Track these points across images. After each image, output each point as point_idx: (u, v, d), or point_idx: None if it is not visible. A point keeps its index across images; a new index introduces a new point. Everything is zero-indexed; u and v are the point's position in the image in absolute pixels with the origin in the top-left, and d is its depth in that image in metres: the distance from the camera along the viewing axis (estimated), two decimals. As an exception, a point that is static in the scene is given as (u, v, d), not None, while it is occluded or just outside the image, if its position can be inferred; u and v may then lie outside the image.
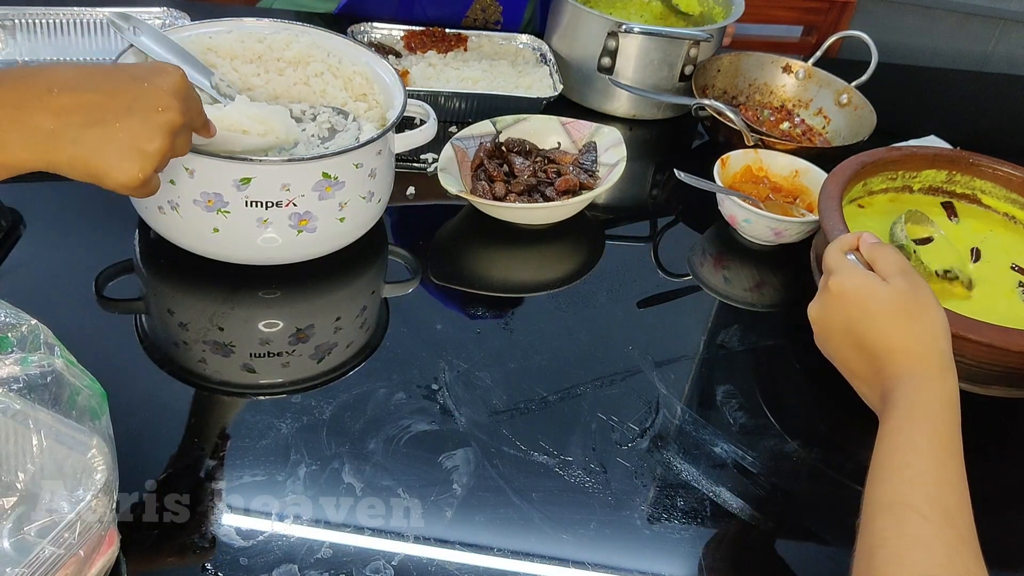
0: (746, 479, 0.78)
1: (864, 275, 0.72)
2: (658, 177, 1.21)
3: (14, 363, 0.58)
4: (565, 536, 0.71)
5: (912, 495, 0.60)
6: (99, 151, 0.62)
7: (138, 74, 0.65)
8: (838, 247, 0.76)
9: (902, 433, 0.64)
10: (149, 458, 0.71)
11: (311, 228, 0.85)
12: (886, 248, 0.74)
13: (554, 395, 0.83)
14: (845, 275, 0.73)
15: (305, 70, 0.96)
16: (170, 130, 0.65)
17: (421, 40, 1.24)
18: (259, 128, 0.83)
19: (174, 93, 0.65)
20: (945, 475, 0.61)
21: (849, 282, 0.72)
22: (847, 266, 0.74)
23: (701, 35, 1.19)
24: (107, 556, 0.61)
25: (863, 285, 0.72)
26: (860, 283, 0.72)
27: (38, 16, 1.13)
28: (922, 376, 0.67)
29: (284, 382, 0.81)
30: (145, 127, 0.64)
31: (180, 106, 0.66)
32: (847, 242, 0.77)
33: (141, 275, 0.90)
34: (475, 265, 0.99)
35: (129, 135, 0.63)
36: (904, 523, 0.59)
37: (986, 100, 1.56)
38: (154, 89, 0.65)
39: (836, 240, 0.78)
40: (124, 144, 0.63)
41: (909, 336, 0.69)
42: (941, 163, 1.03)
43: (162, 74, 0.66)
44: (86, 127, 0.62)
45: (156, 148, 0.64)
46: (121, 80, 0.64)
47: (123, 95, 0.63)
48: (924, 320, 0.69)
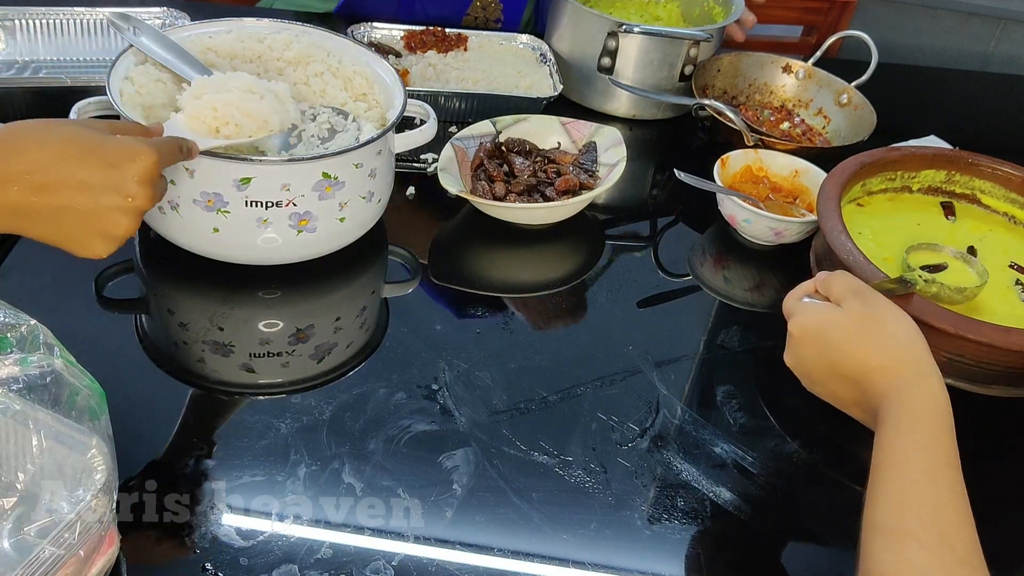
0: (746, 479, 0.78)
1: (817, 309, 0.74)
2: (658, 177, 1.21)
3: (14, 363, 0.58)
4: (565, 536, 0.71)
5: (907, 520, 0.60)
6: (68, 234, 0.67)
7: (112, 160, 0.67)
8: (793, 296, 0.78)
9: (892, 450, 0.64)
10: (149, 458, 0.71)
11: (311, 228, 0.85)
12: (834, 275, 0.75)
13: (554, 395, 0.83)
14: (801, 314, 0.74)
15: (305, 70, 0.96)
16: (137, 215, 0.69)
17: (421, 40, 1.24)
18: (253, 121, 0.83)
19: (143, 182, 0.68)
20: (939, 493, 0.61)
21: (806, 319, 0.74)
22: (801, 307, 0.75)
23: (701, 35, 1.19)
24: (107, 556, 0.61)
25: (819, 318, 0.73)
26: (816, 317, 0.73)
27: (38, 16, 1.13)
28: (900, 387, 0.67)
29: (284, 382, 0.81)
30: (113, 215, 0.67)
31: (149, 193, 0.69)
32: (802, 289, 0.78)
33: (141, 275, 0.90)
34: (475, 265, 0.99)
35: (98, 222, 0.67)
36: (901, 550, 0.59)
37: (986, 100, 1.56)
38: (125, 179, 0.67)
39: (792, 291, 0.78)
40: (92, 229, 0.67)
41: (879, 352, 0.69)
42: (940, 163, 1.03)
43: (134, 160, 0.68)
44: (58, 212, 0.66)
45: (123, 232, 0.68)
46: (95, 167, 0.66)
47: (95, 186, 0.66)
48: (887, 332, 0.70)
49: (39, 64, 1.12)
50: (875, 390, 0.69)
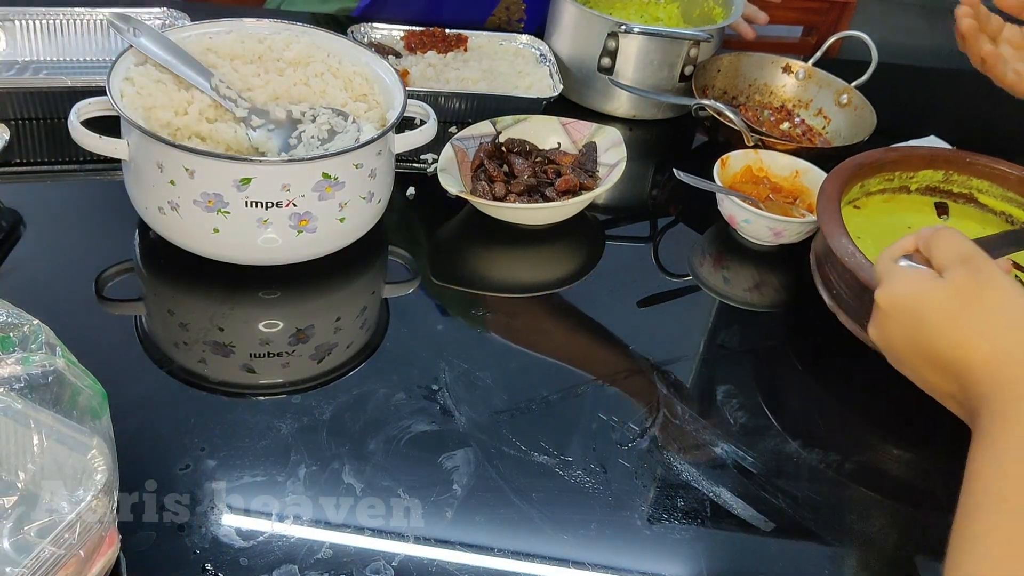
0: (746, 480, 0.78)
1: (912, 277, 0.61)
2: (658, 177, 1.21)
3: (16, 363, 0.58)
4: (565, 536, 0.71)
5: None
6: None
7: None
8: (888, 254, 0.65)
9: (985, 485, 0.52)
10: (149, 458, 0.71)
11: (311, 228, 0.85)
12: (942, 233, 0.61)
13: (554, 395, 0.83)
14: (891, 282, 0.62)
15: (305, 70, 0.96)
16: None
17: (421, 40, 1.24)
18: None
19: None
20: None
21: (897, 290, 0.61)
22: (894, 272, 0.62)
23: (701, 35, 1.19)
24: (107, 556, 0.61)
25: (912, 290, 0.60)
26: (909, 288, 0.60)
27: (38, 16, 1.13)
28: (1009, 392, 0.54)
29: (284, 382, 0.81)
30: None
31: None
32: (900, 248, 0.65)
33: (141, 275, 0.90)
34: (475, 265, 0.99)
35: None
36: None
37: (986, 100, 1.56)
38: None
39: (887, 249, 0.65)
40: None
41: (985, 340, 0.56)
42: (938, 163, 1.03)
43: None
44: None
45: None
46: None
47: None
48: (998, 315, 0.56)
49: (39, 65, 1.12)
50: (977, 389, 0.56)
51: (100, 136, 0.83)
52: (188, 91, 0.90)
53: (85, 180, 1.01)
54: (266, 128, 0.90)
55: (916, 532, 0.77)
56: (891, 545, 0.76)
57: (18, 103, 1.03)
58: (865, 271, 0.84)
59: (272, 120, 0.90)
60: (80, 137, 0.83)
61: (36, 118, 1.05)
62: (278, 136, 0.90)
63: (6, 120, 1.01)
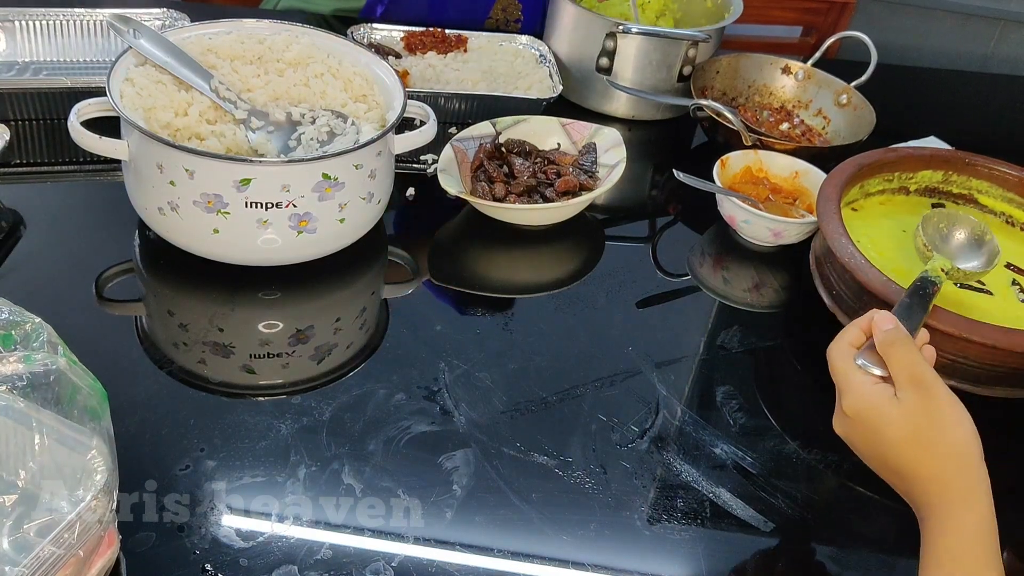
0: (746, 480, 0.78)
1: (873, 394, 0.67)
2: (657, 178, 1.21)
3: (18, 360, 0.58)
4: (565, 537, 0.71)
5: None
6: None
7: None
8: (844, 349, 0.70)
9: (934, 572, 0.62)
10: (149, 458, 0.71)
11: (311, 229, 0.85)
12: (897, 346, 0.68)
13: (554, 396, 0.83)
14: (855, 395, 0.68)
15: (305, 71, 0.96)
16: None
17: (421, 41, 1.24)
18: None
19: None
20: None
21: (860, 404, 0.68)
22: (856, 383, 0.68)
23: (699, 36, 1.20)
24: (107, 556, 0.61)
25: (872, 406, 0.67)
26: (870, 404, 0.67)
27: (38, 17, 1.13)
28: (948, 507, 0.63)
29: (284, 383, 0.81)
30: None
31: None
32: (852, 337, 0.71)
33: (141, 276, 0.90)
34: (475, 266, 0.99)
35: None
36: None
37: (986, 101, 1.56)
38: None
39: (840, 335, 0.71)
40: None
41: (932, 462, 0.65)
42: (937, 164, 1.03)
43: None
44: None
45: None
46: None
47: None
48: (945, 440, 0.65)
49: (39, 65, 1.12)
50: (923, 499, 0.65)
51: (100, 137, 0.83)
52: (188, 92, 0.90)
53: (85, 181, 1.01)
54: (265, 130, 0.90)
55: (914, 532, 0.77)
56: (890, 545, 0.76)
57: (18, 103, 1.03)
58: (865, 272, 0.84)
59: (272, 122, 0.91)
60: (80, 138, 0.83)
61: (36, 119, 1.05)
62: (277, 138, 0.90)
63: (6, 120, 1.01)
